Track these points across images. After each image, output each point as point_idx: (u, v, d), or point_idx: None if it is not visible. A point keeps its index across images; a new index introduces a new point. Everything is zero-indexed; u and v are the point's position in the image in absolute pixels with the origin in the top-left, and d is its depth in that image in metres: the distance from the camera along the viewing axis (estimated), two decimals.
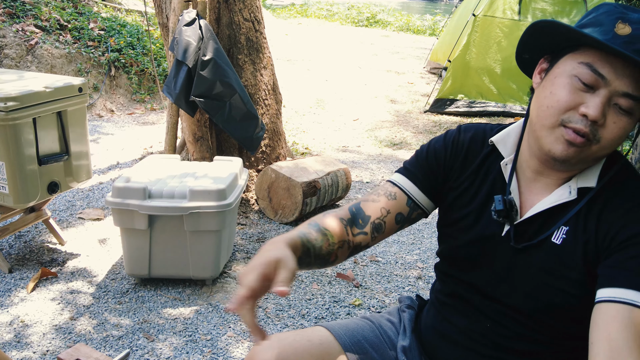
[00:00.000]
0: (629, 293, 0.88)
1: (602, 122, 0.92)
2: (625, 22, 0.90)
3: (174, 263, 2.43)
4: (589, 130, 0.92)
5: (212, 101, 2.93)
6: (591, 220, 0.97)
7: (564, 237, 0.98)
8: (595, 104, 0.91)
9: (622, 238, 0.92)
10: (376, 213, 1.15)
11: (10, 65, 4.89)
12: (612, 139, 0.92)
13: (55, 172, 2.44)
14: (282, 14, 13.68)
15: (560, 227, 0.99)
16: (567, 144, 0.94)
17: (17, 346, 2.07)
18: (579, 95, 0.92)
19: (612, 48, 0.87)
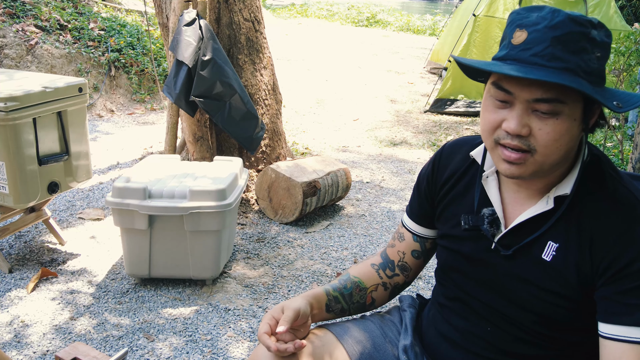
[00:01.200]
0: (633, 331, 0.89)
1: (527, 131, 0.91)
2: (522, 28, 0.90)
3: (174, 263, 2.43)
4: (519, 144, 0.92)
5: (212, 101, 2.93)
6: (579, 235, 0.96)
7: (554, 254, 0.98)
8: (512, 118, 0.91)
9: (618, 266, 0.92)
10: (396, 257, 1.27)
11: (10, 65, 4.89)
12: (547, 145, 0.91)
13: (55, 172, 2.44)
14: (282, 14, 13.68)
15: (549, 243, 0.98)
16: (508, 163, 0.94)
17: (17, 346, 2.07)
18: (500, 113, 0.94)
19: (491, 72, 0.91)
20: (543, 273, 0.98)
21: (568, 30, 0.87)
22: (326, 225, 3.25)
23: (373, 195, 3.77)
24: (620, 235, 0.92)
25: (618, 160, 4.16)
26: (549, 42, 0.87)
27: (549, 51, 0.87)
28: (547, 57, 0.87)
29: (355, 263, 2.82)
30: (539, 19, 0.89)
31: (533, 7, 0.91)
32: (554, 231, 0.98)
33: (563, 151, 0.92)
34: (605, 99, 0.88)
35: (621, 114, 4.06)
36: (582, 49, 0.88)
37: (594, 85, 0.89)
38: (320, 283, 2.61)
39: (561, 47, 0.87)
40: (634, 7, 9.03)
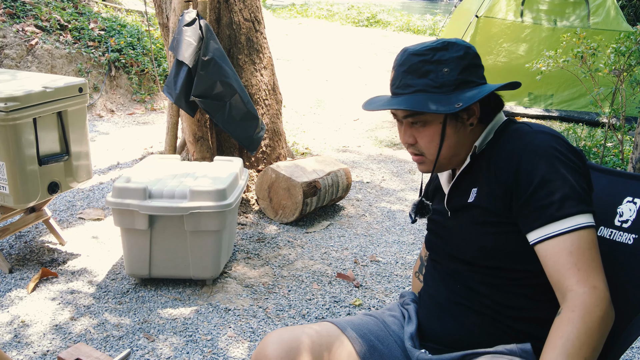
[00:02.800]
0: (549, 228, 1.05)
1: (414, 140, 1.20)
2: (393, 68, 1.21)
3: (174, 263, 2.43)
4: (413, 150, 1.22)
5: (212, 101, 2.93)
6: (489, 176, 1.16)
7: (475, 195, 1.19)
8: (402, 133, 1.22)
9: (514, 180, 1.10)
10: (424, 252, 1.44)
11: (11, 65, 4.89)
12: (426, 146, 1.19)
13: (55, 172, 2.44)
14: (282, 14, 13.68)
15: (472, 190, 1.20)
16: (417, 163, 1.25)
17: (18, 346, 2.07)
18: (400, 130, 1.23)
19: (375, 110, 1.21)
20: (472, 213, 1.18)
21: (410, 63, 1.16)
22: (326, 226, 3.25)
23: (373, 196, 3.77)
24: (511, 154, 1.12)
25: (618, 160, 4.16)
26: (401, 76, 1.18)
27: (402, 82, 1.17)
28: (402, 87, 1.17)
29: (355, 263, 2.83)
30: (397, 60, 1.19)
31: (402, 49, 1.20)
32: (475, 179, 1.20)
33: (445, 147, 1.18)
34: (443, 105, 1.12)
35: (621, 114, 4.06)
36: (427, 71, 1.15)
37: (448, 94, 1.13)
38: (320, 283, 2.62)
39: (410, 77, 1.16)
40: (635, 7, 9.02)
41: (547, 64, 4.27)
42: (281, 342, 1.19)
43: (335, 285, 2.61)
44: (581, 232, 1.02)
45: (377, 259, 2.88)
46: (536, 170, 1.07)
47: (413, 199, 3.75)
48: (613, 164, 4.15)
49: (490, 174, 1.16)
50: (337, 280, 2.65)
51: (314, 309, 2.40)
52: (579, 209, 1.04)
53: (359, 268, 2.78)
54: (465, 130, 1.19)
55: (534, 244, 1.07)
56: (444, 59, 1.15)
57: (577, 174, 1.08)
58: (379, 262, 2.85)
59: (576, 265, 1.01)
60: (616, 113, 4.12)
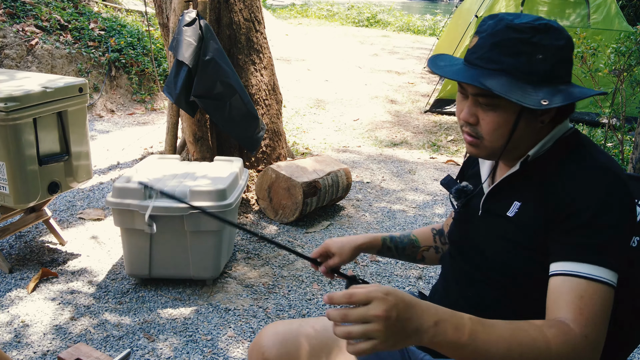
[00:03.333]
0: (563, 265, 0.97)
1: (475, 120, 1.07)
2: (476, 34, 1.07)
3: (174, 263, 2.43)
4: (470, 130, 1.09)
5: (212, 101, 2.93)
6: (538, 195, 1.05)
7: (517, 211, 1.09)
8: (465, 108, 1.08)
9: (565, 209, 1.00)
10: (446, 228, 1.39)
11: (11, 65, 4.89)
12: (489, 132, 1.06)
13: (55, 172, 2.44)
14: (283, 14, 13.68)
15: (514, 202, 1.10)
16: (467, 144, 1.12)
17: (18, 346, 2.07)
18: (462, 104, 1.10)
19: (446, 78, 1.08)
20: (507, 228, 1.09)
21: (504, 37, 1.01)
22: (326, 226, 3.25)
23: (373, 196, 3.77)
24: (570, 181, 1.02)
25: (618, 161, 4.16)
26: (488, 48, 1.03)
27: (487, 55, 1.03)
28: (485, 59, 1.03)
29: (355, 263, 2.82)
30: (487, 27, 1.04)
31: (492, 15, 1.06)
32: (521, 192, 1.10)
33: (507, 138, 1.06)
34: (531, 98, 0.98)
35: (621, 114, 4.06)
36: (519, 52, 1.01)
37: (534, 84, 1.01)
38: (320, 283, 2.62)
39: (498, 51, 1.02)
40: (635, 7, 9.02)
41: None
42: (277, 334, 1.21)
43: (335, 285, 2.61)
44: (603, 286, 0.95)
45: (377, 259, 2.88)
46: (593, 207, 0.98)
47: (413, 199, 3.75)
48: None
49: (541, 195, 1.05)
50: (338, 280, 2.65)
51: (314, 309, 2.40)
52: (612, 265, 0.96)
53: (359, 268, 2.78)
54: (534, 127, 1.07)
55: (552, 274, 0.99)
56: (542, 43, 1.01)
57: (627, 232, 1.00)
58: (379, 262, 2.85)
59: (581, 308, 0.94)
60: (616, 113, 4.12)
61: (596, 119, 5.55)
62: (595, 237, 0.97)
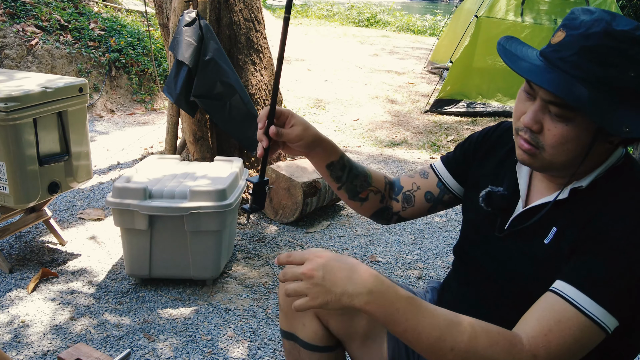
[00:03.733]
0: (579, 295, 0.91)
1: (538, 128, 0.95)
2: (564, 29, 0.92)
3: (174, 263, 2.43)
4: (529, 138, 0.96)
5: (212, 101, 2.93)
6: (577, 224, 0.97)
7: (552, 237, 1.00)
8: (529, 112, 0.95)
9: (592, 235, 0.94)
10: (408, 186, 1.31)
11: (11, 65, 4.89)
12: (553, 146, 0.94)
13: (55, 172, 2.44)
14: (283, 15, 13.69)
15: (552, 228, 1.01)
16: (521, 151, 0.99)
17: (18, 346, 2.07)
18: (525, 105, 0.97)
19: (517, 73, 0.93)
20: (539, 254, 1.01)
21: (599, 43, 0.87)
22: (326, 226, 3.25)
23: None
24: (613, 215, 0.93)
25: None
26: (576, 50, 0.89)
27: (574, 59, 0.89)
28: (570, 64, 0.89)
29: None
30: (580, 25, 0.90)
31: (587, 10, 0.92)
32: (562, 219, 1.00)
33: (571, 155, 0.94)
34: (612, 120, 0.87)
35: None
36: (611, 64, 0.87)
37: (614, 103, 0.88)
38: None
39: (587, 57, 0.88)
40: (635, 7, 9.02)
41: None
42: None
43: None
44: (589, 321, 0.89)
45: (377, 259, 2.88)
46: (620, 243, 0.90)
47: None
48: None
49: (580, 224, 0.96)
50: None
51: None
52: (613, 309, 0.89)
53: None
54: (599, 148, 0.96)
55: (550, 289, 0.94)
56: (638, 58, 0.88)
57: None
58: (379, 262, 2.85)
59: (551, 332, 0.89)
60: None
61: None
62: (609, 273, 0.90)
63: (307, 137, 1.15)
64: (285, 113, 1.14)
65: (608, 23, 0.88)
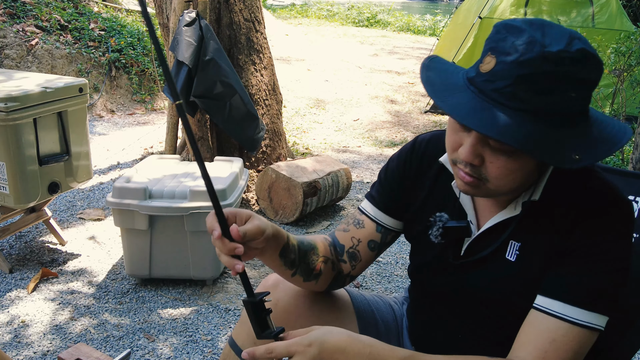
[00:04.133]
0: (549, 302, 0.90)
1: (479, 162, 0.88)
2: (494, 53, 0.83)
3: (174, 263, 2.43)
4: (470, 171, 0.89)
5: (212, 101, 2.93)
6: (541, 235, 0.95)
7: (517, 253, 0.97)
8: (465, 146, 0.88)
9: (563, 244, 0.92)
10: (348, 242, 1.18)
11: (11, 65, 4.89)
12: (499, 178, 0.88)
13: (55, 172, 2.44)
14: (283, 15, 13.68)
15: (510, 242, 0.97)
16: (463, 182, 0.92)
17: (18, 346, 2.07)
18: (460, 136, 0.90)
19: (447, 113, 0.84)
20: (505, 271, 0.98)
21: (537, 70, 0.79)
22: (327, 226, 3.25)
23: None
24: (573, 215, 0.91)
25: (619, 161, 4.16)
26: (512, 80, 0.80)
27: (510, 90, 0.81)
28: (507, 95, 0.81)
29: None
30: (511, 49, 0.81)
31: (514, 27, 0.83)
32: (516, 232, 0.97)
33: (518, 183, 0.90)
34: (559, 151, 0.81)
35: (621, 114, 4.06)
36: (550, 90, 0.80)
37: (559, 128, 0.82)
38: None
39: (525, 87, 0.80)
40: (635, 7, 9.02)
41: None
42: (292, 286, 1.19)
43: None
44: (582, 330, 0.88)
45: (377, 258, 2.89)
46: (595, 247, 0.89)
47: None
48: (613, 164, 4.15)
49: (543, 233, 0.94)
50: None
51: None
52: (605, 309, 0.89)
53: None
54: (547, 167, 0.94)
55: (535, 307, 0.93)
56: (578, 77, 0.81)
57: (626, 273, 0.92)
58: (379, 262, 2.85)
59: (547, 353, 0.88)
60: (616, 113, 4.12)
61: None
62: (591, 279, 0.89)
63: (266, 226, 0.99)
64: (232, 213, 0.98)
65: (542, 45, 0.79)
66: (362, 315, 1.24)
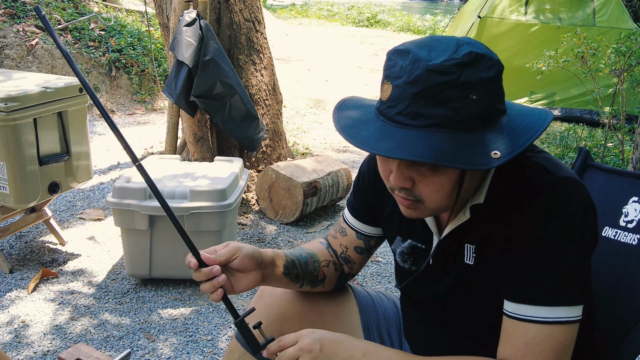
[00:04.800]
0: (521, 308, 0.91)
1: (411, 184, 0.90)
2: (388, 79, 0.86)
3: (174, 263, 2.43)
4: (405, 195, 0.92)
5: (212, 101, 2.93)
6: (492, 235, 0.96)
7: (474, 255, 0.99)
8: (394, 172, 0.90)
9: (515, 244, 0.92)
10: (338, 248, 1.25)
11: (11, 65, 4.90)
12: (432, 195, 0.90)
13: (55, 172, 2.44)
14: (283, 15, 13.68)
15: (466, 246, 0.99)
16: (404, 207, 0.95)
17: (18, 346, 2.07)
18: (388, 164, 0.92)
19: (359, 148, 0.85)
20: (465, 275, 1.00)
21: (427, 84, 0.81)
22: (327, 226, 3.25)
23: None
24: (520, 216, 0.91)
25: (619, 161, 4.16)
26: (409, 100, 0.82)
27: (411, 109, 0.83)
28: (411, 115, 0.83)
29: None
30: (401, 72, 0.84)
31: (401, 51, 0.86)
32: (474, 237, 0.99)
33: (452, 195, 0.91)
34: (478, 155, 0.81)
35: (621, 114, 4.06)
36: (449, 98, 0.81)
37: (473, 131, 0.83)
38: None
39: (423, 103, 0.82)
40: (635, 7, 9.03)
41: (547, 64, 4.26)
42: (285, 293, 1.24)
43: None
44: (556, 327, 0.88)
45: (378, 259, 2.88)
46: (548, 241, 0.88)
47: None
48: (613, 164, 4.15)
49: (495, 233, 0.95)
50: None
51: None
52: (574, 299, 0.88)
53: None
54: (480, 173, 0.95)
55: (504, 313, 0.94)
56: (472, 80, 0.82)
57: (589, 256, 0.91)
58: (380, 262, 2.85)
59: (524, 357, 0.89)
60: (616, 113, 4.11)
61: (596, 119, 5.55)
62: (551, 275, 0.88)
63: (241, 245, 1.04)
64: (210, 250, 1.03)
65: (425, 61, 0.82)
66: (364, 309, 1.27)
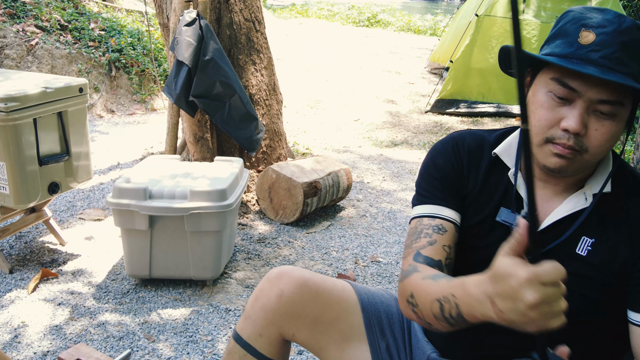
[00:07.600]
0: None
1: (584, 132, 0.93)
2: (588, 28, 0.92)
3: (174, 264, 2.43)
4: (573, 143, 0.93)
5: (211, 101, 2.93)
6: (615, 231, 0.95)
7: (589, 249, 0.97)
8: (574, 116, 0.92)
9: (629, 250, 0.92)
10: (442, 254, 1.08)
11: (11, 65, 4.89)
12: (600, 146, 0.93)
13: (55, 172, 2.44)
14: (283, 14, 13.67)
15: (583, 238, 0.97)
16: (558, 157, 0.95)
17: (18, 346, 2.07)
18: (557, 111, 0.94)
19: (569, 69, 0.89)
20: (578, 268, 0.97)
21: (634, 36, 0.90)
22: (327, 226, 3.25)
23: (374, 196, 3.77)
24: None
25: None
26: (618, 47, 0.89)
27: (616, 55, 0.89)
28: (615, 61, 0.89)
29: (356, 264, 2.82)
30: (606, 22, 0.91)
31: (593, 8, 0.94)
32: (587, 226, 0.97)
33: (609, 151, 0.96)
34: None
35: None
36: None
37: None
38: None
39: (626, 53, 0.90)
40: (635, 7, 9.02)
41: None
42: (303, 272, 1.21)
43: None
44: None
45: (378, 259, 2.88)
46: None
47: None
48: None
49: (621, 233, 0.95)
50: None
51: None
52: None
53: (359, 268, 2.78)
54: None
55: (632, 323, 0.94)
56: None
57: None
58: (380, 263, 2.85)
59: None
60: None
61: None
62: None
63: None
64: None
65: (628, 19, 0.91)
66: (366, 307, 1.26)
